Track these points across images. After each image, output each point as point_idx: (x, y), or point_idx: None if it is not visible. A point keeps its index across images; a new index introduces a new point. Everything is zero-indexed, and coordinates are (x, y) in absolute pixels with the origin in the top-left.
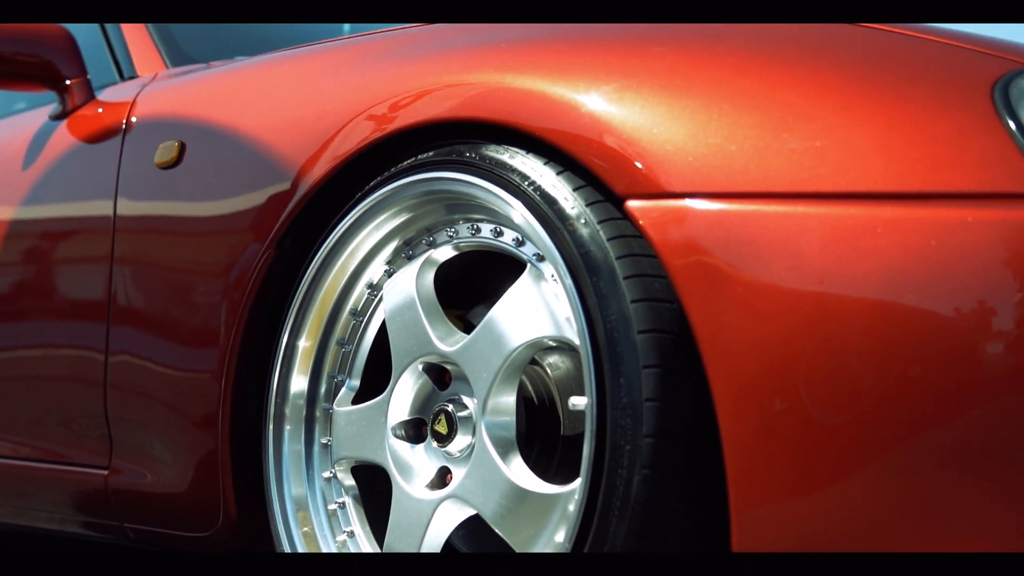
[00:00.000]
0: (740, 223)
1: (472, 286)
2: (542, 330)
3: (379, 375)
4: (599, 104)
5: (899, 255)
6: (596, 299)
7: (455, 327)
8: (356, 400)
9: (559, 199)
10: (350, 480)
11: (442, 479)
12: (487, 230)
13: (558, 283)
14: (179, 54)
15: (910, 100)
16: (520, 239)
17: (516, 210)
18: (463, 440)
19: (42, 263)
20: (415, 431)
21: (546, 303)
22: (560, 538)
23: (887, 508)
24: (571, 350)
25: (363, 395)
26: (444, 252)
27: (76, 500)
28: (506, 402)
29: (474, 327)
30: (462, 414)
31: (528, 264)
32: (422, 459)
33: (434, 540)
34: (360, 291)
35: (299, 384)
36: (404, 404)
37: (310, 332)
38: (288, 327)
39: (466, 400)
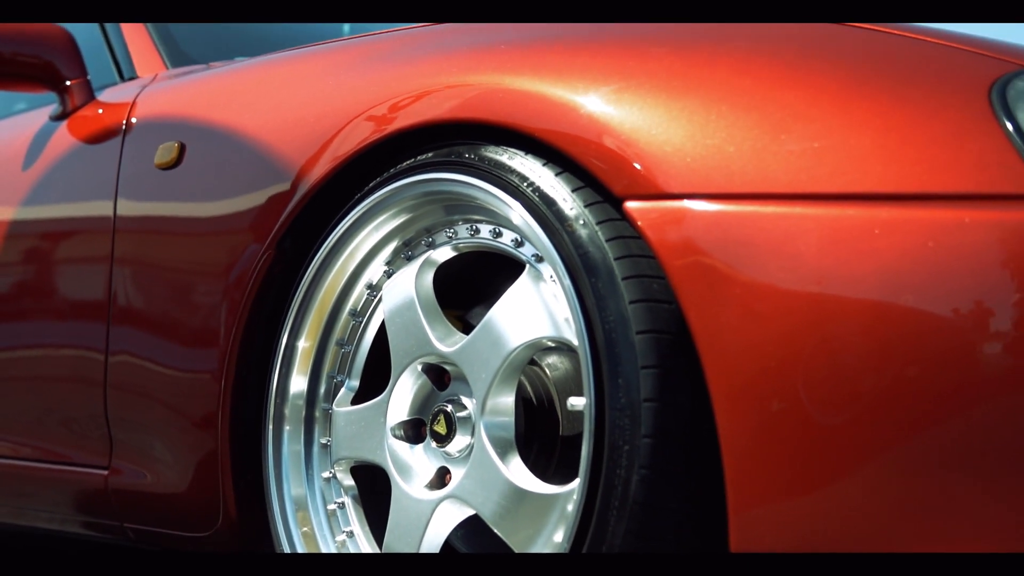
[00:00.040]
0: (738, 224)
1: (471, 287)
2: (541, 331)
3: (378, 375)
4: (598, 105)
5: (897, 256)
6: (595, 300)
7: (454, 328)
8: (355, 400)
9: (558, 200)
10: (349, 480)
11: (441, 479)
12: (486, 231)
13: (557, 284)
14: (179, 55)
15: (908, 101)
16: (519, 240)
17: (515, 211)
18: (462, 440)
19: (42, 263)
20: (414, 431)
21: (545, 304)
22: (559, 538)
23: (885, 508)
24: (570, 350)
25: (362, 395)
26: (443, 253)
27: (76, 500)
28: (505, 402)
29: (473, 328)
30: (461, 414)
31: (527, 265)
32: (421, 459)
33: (433, 540)
34: (359, 292)
35: (299, 384)
36: (403, 404)
37: (310, 332)
38: (288, 327)
39: (465, 400)
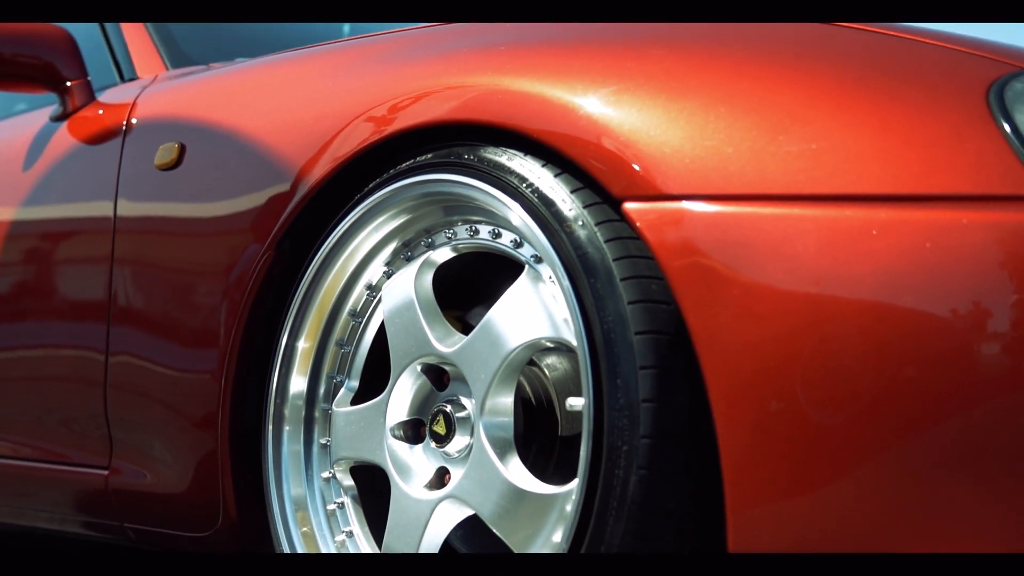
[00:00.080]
0: (737, 225)
1: (470, 288)
2: (540, 331)
3: (378, 376)
4: (597, 106)
5: (894, 257)
6: (593, 300)
7: (453, 328)
8: (355, 401)
9: (557, 201)
10: (349, 480)
11: (440, 479)
12: (485, 232)
13: (556, 284)
14: (179, 55)
15: (906, 103)
16: (518, 241)
17: (514, 212)
18: (461, 440)
19: (43, 264)
20: (413, 432)
21: (544, 304)
22: (557, 538)
23: (883, 508)
24: (569, 351)
25: (362, 396)
26: (443, 253)
27: (76, 500)
28: (504, 403)
29: (472, 328)
30: (460, 415)
31: (526, 265)
32: (420, 459)
33: (432, 540)
34: (359, 292)
35: (298, 385)
36: (403, 405)
37: (309, 333)
38: (287, 328)
39: (464, 401)
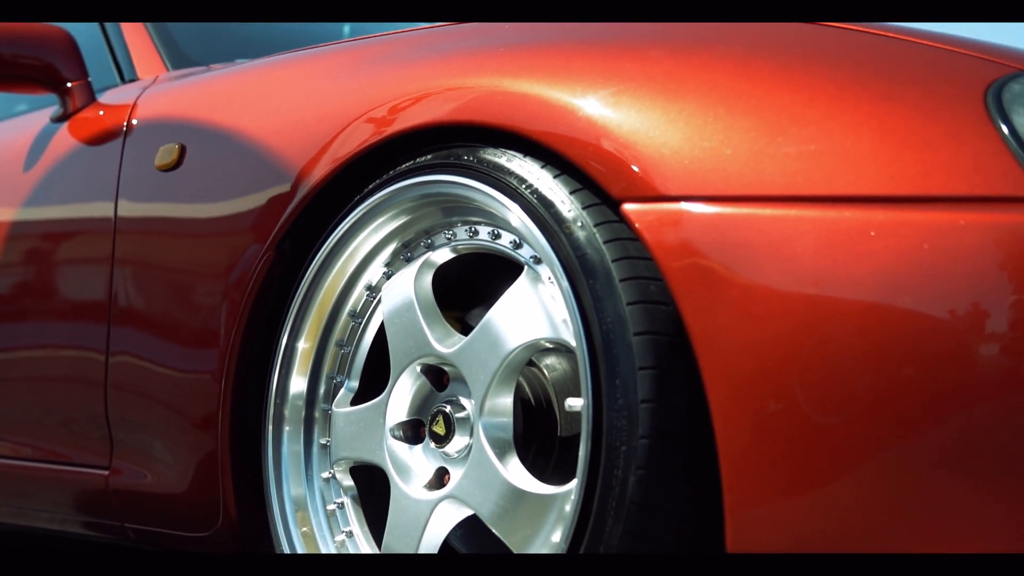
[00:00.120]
0: (735, 226)
1: (470, 288)
2: (539, 332)
3: (378, 376)
4: (596, 108)
5: (893, 258)
6: (592, 301)
7: (453, 329)
8: (355, 401)
9: (556, 202)
10: (349, 480)
11: (440, 480)
12: (485, 233)
13: (555, 285)
14: (180, 56)
15: (904, 104)
16: (518, 242)
17: (513, 213)
18: (461, 441)
19: (43, 264)
20: (413, 432)
21: (543, 305)
22: (557, 538)
23: (881, 508)
24: (568, 352)
25: (362, 396)
26: (442, 254)
27: (77, 500)
28: (503, 403)
29: (472, 329)
30: (460, 415)
31: (525, 266)
32: (420, 460)
33: (432, 540)
34: (359, 293)
35: (298, 385)
36: (402, 405)
37: (309, 333)
38: (287, 328)
39: (464, 401)
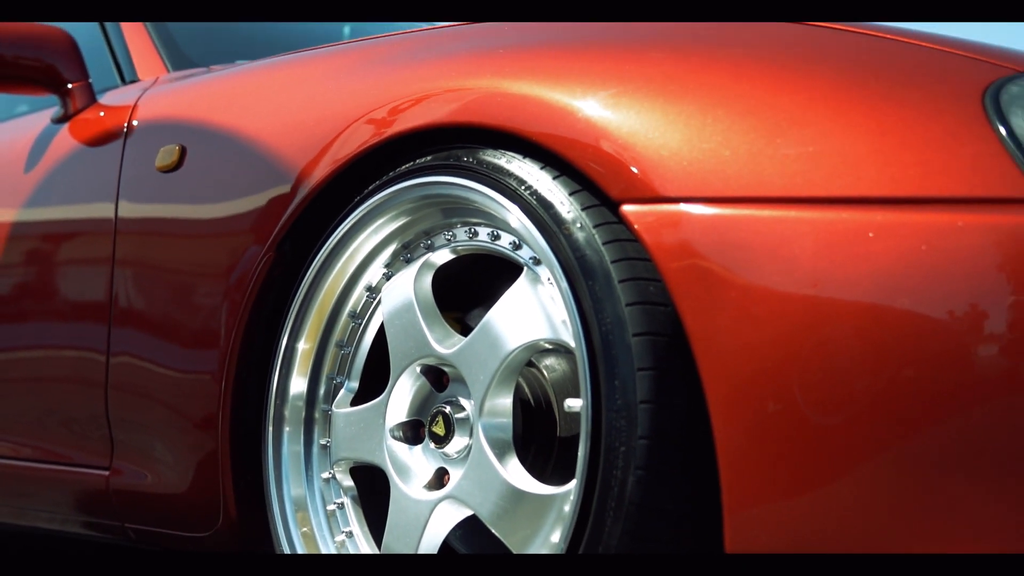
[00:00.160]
0: (734, 227)
1: (470, 289)
2: (538, 333)
3: (377, 377)
4: (595, 109)
5: (891, 259)
6: (591, 302)
7: (453, 330)
8: (355, 402)
9: (555, 203)
10: (349, 481)
11: (439, 480)
12: (484, 234)
13: (554, 286)
14: (180, 58)
15: (902, 105)
16: (517, 243)
17: (513, 214)
18: (460, 441)
19: (44, 265)
20: (413, 432)
21: (542, 306)
22: (556, 538)
23: (880, 509)
24: (567, 352)
25: (362, 397)
26: (442, 255)
27: (77, 500)
28: (503, 404)
29: (472, 330)
30: (459, 416)
31: (525, 267)
32: (420, 460)
33: (432, 540)
34: (359, 294)
35: (298, 386)
36: (402, 406)
37: (309, 334)
38: (288, 329)
39: (463, 402)
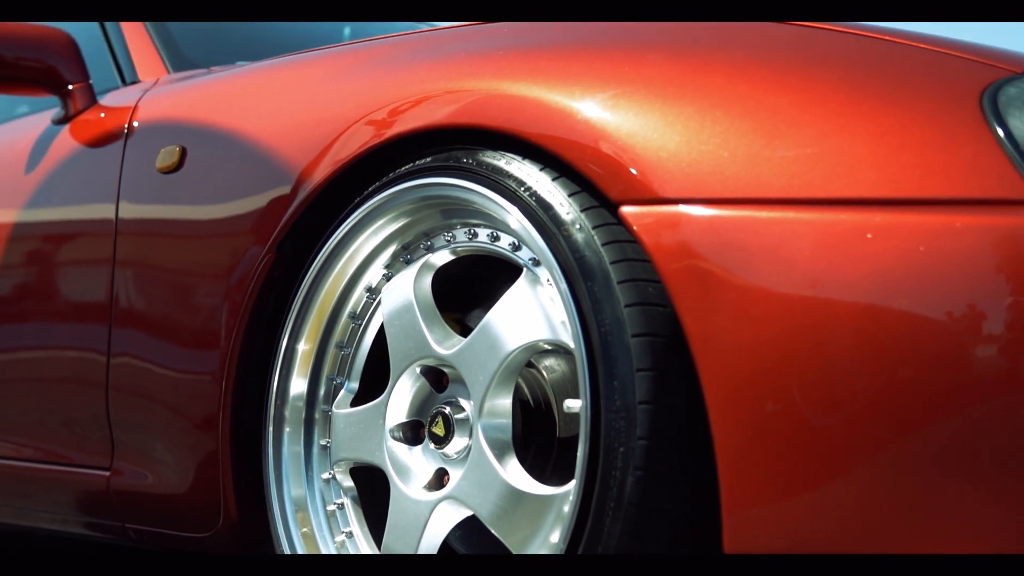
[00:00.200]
0: (733, 228)
1: (469, 290)
2: (538, 334)
3: (377, 378)
4: (594, 111)
5: (889, 260)
6: (591, 303)
7: (452, 330)
8: (355, 402)
9: (554, 204)
10: (349, 481)
11: (439, 480)
12: (484, 235)
13: (554, 287)
14: (181, 59)
15: (900, 107)
16: (516, 244)
17: (512, 215)
18: (460, 442)
19: (45, 266)
20: (413, 433)
21: (542, 307)
22: (555, 539)
23: (879, 509)
24: (566, 353)
25: (362, 397)
26: (442, 256)
27: (78, 501)
28: (502, 404)
29: (471, 331)
30: (459, 416)
31: (524, 268)
32: (419, 461)
33: (431, 540)
34: (359, 294)
35: (298, 386)
36: (402, 406)
37: (309, 335)
38: (288, 330)
39: (463, 403)
